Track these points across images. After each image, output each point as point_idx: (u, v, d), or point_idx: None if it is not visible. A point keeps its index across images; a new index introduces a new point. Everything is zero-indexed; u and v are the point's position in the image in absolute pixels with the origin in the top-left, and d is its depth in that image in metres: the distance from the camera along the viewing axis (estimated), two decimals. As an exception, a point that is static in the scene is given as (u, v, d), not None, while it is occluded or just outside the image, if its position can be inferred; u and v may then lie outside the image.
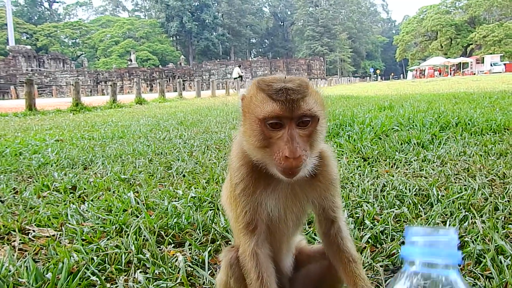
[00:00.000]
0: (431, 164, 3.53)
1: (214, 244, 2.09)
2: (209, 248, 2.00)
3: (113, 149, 5.17)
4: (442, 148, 4.12)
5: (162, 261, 1.87)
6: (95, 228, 2.28)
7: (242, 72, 39.80)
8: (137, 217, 2.50)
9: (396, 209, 2.41)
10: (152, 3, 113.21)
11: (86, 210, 2.62)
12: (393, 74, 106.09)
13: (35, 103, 13.50)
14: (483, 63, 64.22)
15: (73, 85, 14.67)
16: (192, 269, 1.83)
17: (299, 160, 1.01)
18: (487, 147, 4.01)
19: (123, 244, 2.01)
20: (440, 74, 65.47)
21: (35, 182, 3.49)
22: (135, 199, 2.80)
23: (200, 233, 2.22)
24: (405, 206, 2.47)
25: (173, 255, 1.96)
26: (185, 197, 2.83)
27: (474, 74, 57.35)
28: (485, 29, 77.99)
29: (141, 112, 12.78)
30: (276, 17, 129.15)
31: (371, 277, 1.71)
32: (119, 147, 5.36)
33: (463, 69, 64.88)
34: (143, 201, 2.81)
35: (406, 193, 2.68)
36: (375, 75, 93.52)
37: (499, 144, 4.14)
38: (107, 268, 1.82)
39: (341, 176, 3.19)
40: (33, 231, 2.30)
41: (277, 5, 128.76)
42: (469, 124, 5.25)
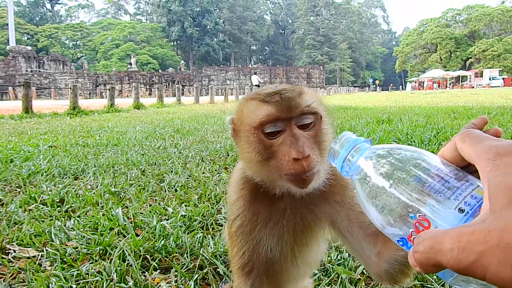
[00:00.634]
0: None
1: (201, 271, 1.99)
2: (196, 276, 1.91)
3: (106, 157, 5.08)
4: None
5: (145, 290, 1.78)
6: (78, 249, 2.19)
7: (260, 79, 41.60)
8: (124, 237, 2.41)
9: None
10: (154, 7, 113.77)
11: (71, 227, 2.53)
12: (392, 85, 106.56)
13: (32, 106, 13.42)
14: (482, 77, 64.78)
15: (71, 88, 14.57)
16: (176, 300, 1.74)
17: (310, 160, 0.86)
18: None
19: (105, 270, 1.92)
20: (439, 86, 65.77)
21: (22, 193, 3.39)
22: (123, 216, 2.71)
23: (187, 258, 2.13)
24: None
25: (158, 283, 1.87)
26: (175, 216, 2.74)
27: (473, 87, 57.68)
28: (484, 43, 78.70)
29: (138, 117, 12.70)
30: (277, 25, 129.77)
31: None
32: (112, 155, 5.27)
33: (462, 82, 65.26)
34: (131, 218, 2.73)
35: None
36: (374, 86, 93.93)
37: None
38: (87, 296, 1.73)
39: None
40: (14, 251, 2.20)
41: (278, 13, 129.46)
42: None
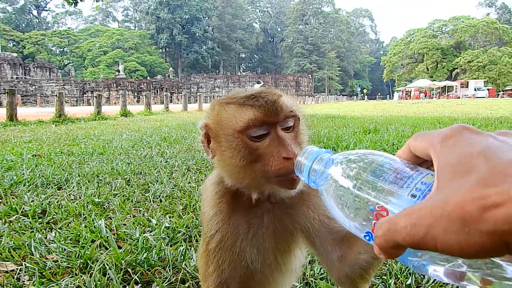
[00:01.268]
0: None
1: (183, 285, 1.97)
2: (178, 290, 1.89)
3: (91, 167, 5.03)
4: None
5: (125, 306, 1.75)
6: (58, 263, 2.15)
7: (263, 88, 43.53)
8: (106, 249, 2.38)
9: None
10: (142, 14, 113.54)
11: (52, 240, 2.48)
12: (379, 94, 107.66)
13: (16, 113, 13.21)
14: (467, 87, 65.98)
15: (57, 95, 14.41)
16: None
17: None
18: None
19: (85, 284, 1.89)
20: (425, 96, 66.64)
21: (3, 204, 3.33)
22: (106, 227, 2.67)
23: (170, 271, 2.11)
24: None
25: (138, 298, 1.84)
26: (158, 227, 2.71)
27: (458, 97, 58.66)
28: (470, 54, 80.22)
29: (125, 125, 12.61)
30: (266, 33, 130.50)
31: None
32: (97, 164, 5.22)
33: (448, 92, 66.28)
34: (114, 230, 2.69)
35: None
36: (362, 94, 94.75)
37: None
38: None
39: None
40: (-8, 264, 2.15)
41: (267, 21, 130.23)
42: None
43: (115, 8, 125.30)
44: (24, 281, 1.99)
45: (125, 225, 2.84)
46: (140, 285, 2.00)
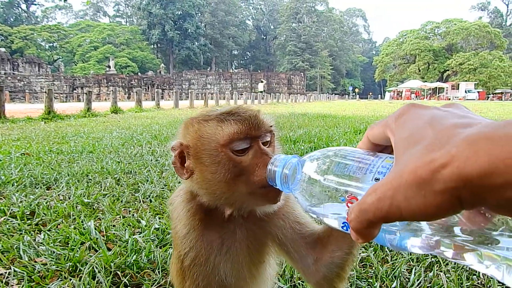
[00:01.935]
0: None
1: (172, 288, 1.99)
2: (167, 293, 1.90)
3: (80, 166, 5.01)
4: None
5: (114, 309, 1.76)
6: (47, 266, 2.15)
7: (265, 86, 47.61)
8: (95, 251, 2.39)
9: (362, 252, 2.37)
10: (134, 10, 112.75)
11: (41, 242, 2.48)
12: (371, 93, 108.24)
13: (4, 110, 13.02)
14: (458, 89, 66.68)
15: (46, 92, 14.26)
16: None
17: None
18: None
19: (74, 288, 1.90)
20: (416, 97, 67.11)
21: (-9, 204, 3.31)
22: (95, 229, 2.68)
23: (159, 273, 2.12)
24: (372, 247, 2.44)
25: (127, 302, 1.85)
26: (148, 228, 2.72)
27: (449, 99, 59.23)
28: (461, 57, 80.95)
29: (116, 122, 12.54)
30: (259, 31, 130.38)
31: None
32: (87, 163, 5.20)
33: (439, 93, 66.86)
34: (103, 231, 2.70)
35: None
36: (354, 94, 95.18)
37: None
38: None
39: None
40: (-20, 268, 2.15)
41: (260, 18, 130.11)
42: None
43: (106, 3, 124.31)
44: (13, 285, 1.98)
45: (114, 226, 2.84)
46: (129, 287, 2.01)
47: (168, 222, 2.86)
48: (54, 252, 2.32)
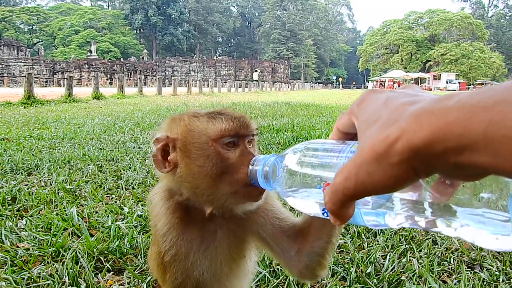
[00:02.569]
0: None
1: (154, 273, 2.03)
2: (149, 277, 1.95)
3: (62, 152, 4.97)
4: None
5: (97, 293, 1.80)
6: (30, 251, 2.17)
7: (259, 75, 53.07)
8: (78, 237, 2.41)
9: (340, 239, 2.45)
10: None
11: (23, 228, 2.49)
12: (354, 83, 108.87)
13: (-18, 94, 12.75)
14: (439, 80, 67.62)
15: (26, 76, 13.95)
16: (128, 302, 1.77)
17: None
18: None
19: (57, 272, 1.92)
20: (399, 86, 67.28)
21: (-29, 190, 3.28)
22: (77, 215, 2.69)
23: (141, 259, 2.16)
24: (349, 234, 2.52)
25: (110, 285, 1.89)
26: (130, 215, 2.75)
27: (431, 89, 59.99)
28: (443, 47, 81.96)
29: (98, 109, 12.39)
30: (243, 18, 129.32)
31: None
32: (68, 150, 5.17)
33: (421, 84, 67.67)
34: (85, 218, 2.72)
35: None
36: (337, 83, 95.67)
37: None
38: (38, 299, 1.73)
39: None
40: (-39, 252, 2.15)
41: (245, 5, 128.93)
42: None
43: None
44: (-5, 269, 2.00)
45: (97, 212, 2.86)
46: (112, 272, 2.05)
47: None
48: (36, 237, 2.34)
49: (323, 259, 1.08)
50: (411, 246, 2.36)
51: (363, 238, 2.49)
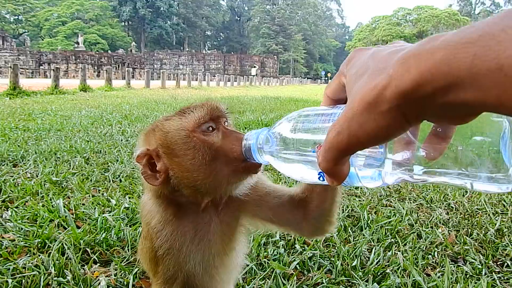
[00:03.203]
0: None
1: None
2: (136, 269, 1.95)
3: (48, 144, 4.92)
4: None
5: (84, 284, 1.80)
6: (15, 242, 2.15)
7: (257, 71, 55.90)
8: (64, 229, 2.40)
9: (327, 232, 2.47)
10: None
11: (8, 219, 2.47)
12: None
13: (-34, 84, 12.52)
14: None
15: (12, 67, 13.72)
16: (115, 293, 1.77)
17: None
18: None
19: (43, 263, 1.91)
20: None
21: (-45, 181, 3.24)
22: (64, 207, 2.67)
23: (128, 251, 2.16)
24: (336, 228, 2.55)
25: (97, 277, 1.89)
26: (118, 207, 2.74)
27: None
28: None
29: (85, 101, 12.26)
30: (233, 11, 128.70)
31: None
32: (55, 141, 5.11)
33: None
34: (72, 210, 2.70)
35: (338, 213, 2.76)
36: (326, 78, 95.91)
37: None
38: (23, 290, 1.72)
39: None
40: None
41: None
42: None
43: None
44: (-21, 260, 1.98)
45: (84, 204, 2.84)
46: (98, 264, 2.04)
47: (138, 201, 2.88)
48: (22, 228, 2.32)
49: (331, 217, 1.13)
50: (396, 240, 2.39)
51: (349, 232, 2.52)
